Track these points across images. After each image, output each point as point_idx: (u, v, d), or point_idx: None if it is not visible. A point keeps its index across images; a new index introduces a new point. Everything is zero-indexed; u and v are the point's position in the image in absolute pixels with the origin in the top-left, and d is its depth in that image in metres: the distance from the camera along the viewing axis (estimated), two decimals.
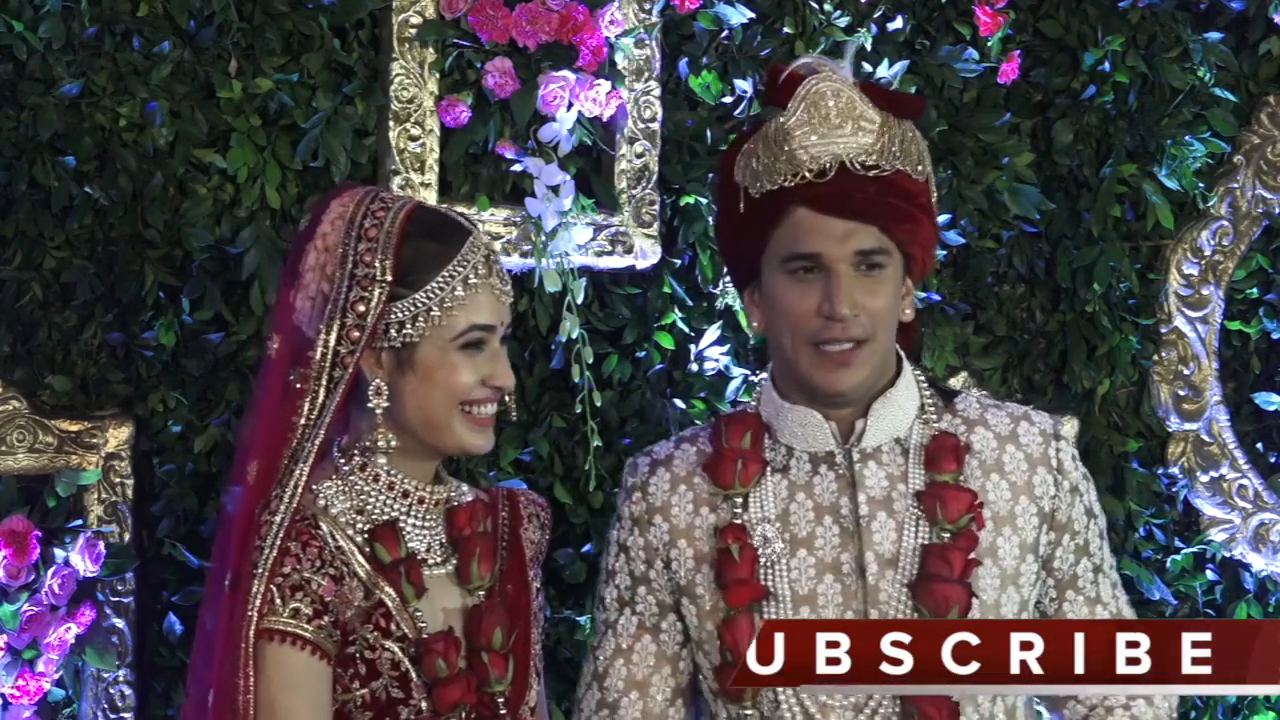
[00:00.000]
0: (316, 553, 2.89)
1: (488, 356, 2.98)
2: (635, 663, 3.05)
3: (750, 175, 2.98)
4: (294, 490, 2.91)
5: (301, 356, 2.95)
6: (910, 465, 3.02)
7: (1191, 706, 4.59)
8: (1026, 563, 3.02)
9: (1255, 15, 4.63)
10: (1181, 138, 4.54)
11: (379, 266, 2.93)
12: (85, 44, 3.83)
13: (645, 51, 4.13)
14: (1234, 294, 4.67)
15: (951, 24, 4.42)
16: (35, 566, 3.69)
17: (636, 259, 4.12)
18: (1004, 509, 3.02)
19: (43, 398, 3.83)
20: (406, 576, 2.92)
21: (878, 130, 2.96)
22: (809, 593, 2.98)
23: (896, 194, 2.95)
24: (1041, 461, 3.05)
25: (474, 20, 3.98)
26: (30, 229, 3.82)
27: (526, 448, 4.07)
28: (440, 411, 2.96)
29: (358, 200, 2.98)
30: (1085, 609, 3.07)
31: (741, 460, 3.02)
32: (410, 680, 2.91)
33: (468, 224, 2.99)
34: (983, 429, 3.05)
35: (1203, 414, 4.62)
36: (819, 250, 2.94)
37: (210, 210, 3.89)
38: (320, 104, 3.94)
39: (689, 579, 3.03)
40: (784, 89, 2.99)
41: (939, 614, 2.93)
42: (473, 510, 3.02)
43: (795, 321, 2.96)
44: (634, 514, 3.06)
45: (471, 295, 2.95)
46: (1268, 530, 4.63)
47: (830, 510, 3.00)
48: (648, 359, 4.15)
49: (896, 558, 2.97)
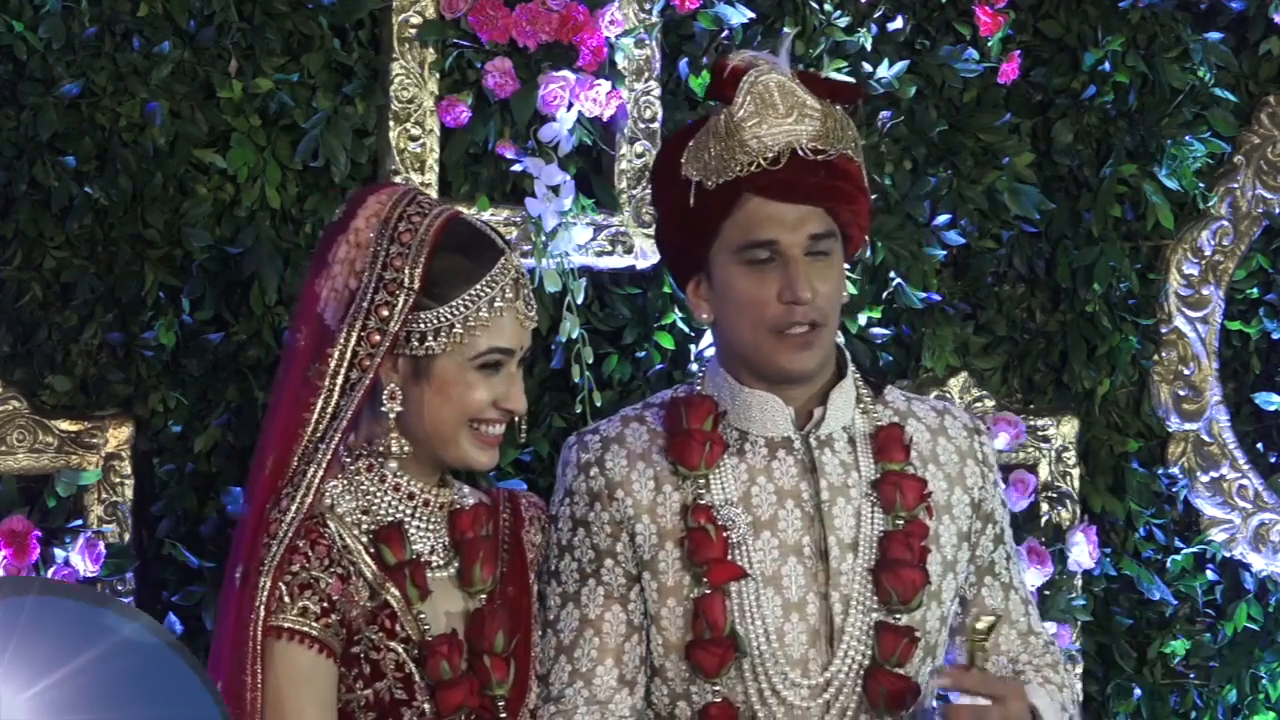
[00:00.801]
0: (325, 551, 2.90)
1: (503, 378, 2.98)
2: (607, 632, 3.09)
3: (702, 168, 3.05)
4: (306, 490, 2.91)
5: (321, 352, 2.95)
6: (860, 454, 3.12)
7: (1191, 706, 4.59)
8: (962, 550, 3.15)
9: (1255, 15, 4.63)
10: (1181, 138, 4.54)
11: (408, 274, 2.93)
12: (85, 44, 3.83)
13: (645, 51, 4.13)
14: (1234, 294, 4.67)
15: (951, 24, 4.42)
16: (35, 566, 3.69)
17: (636, 259, 4.12)
18: (941, 498, 3.15)
19: (43, 398, 3.83)
20: (412, 579, 2.92)
21: (821, 116, 3.06)
22: (774, 573, 3.06)
23: (841, 176, 3.06)
24: (969, 454, 3.18)
25: (474, 20, 3.98)
26: (30, 229, 3.82)
27: (527, 448, 4.07)
28: (449, 426, 2.97)
29: (395, 199, 2.98)
30: (1001, 593, 3.21)
31: (710, 443, 3.09)
32: (414, 682, 2.91)
33: (501, 243, 2.99)
34: (914, 420, 3.18)
35: (1203, 414, 4.62)
36: (774, 237, 3.03)
37: (210, 210, 3.89)
38: (320, 104, 3.94)
39: (652, 554, 3.08)
40: (728, 83, 3.08)
41: (904, 597, 3.05)
42: (475, 514, 3.03)
43: (755, 309, 3.05)
44: (592, 489, 3.11)
45: (496, 318, 2.95)
46: (1268, 530, 4.63)
47: (792, 494, 3.08)
48: (648, 359, 4.15)
49: (856, 543, 3.07)
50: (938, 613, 3.12)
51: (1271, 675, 4.59)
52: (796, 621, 3.05)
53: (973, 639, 3.00)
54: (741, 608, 3.05)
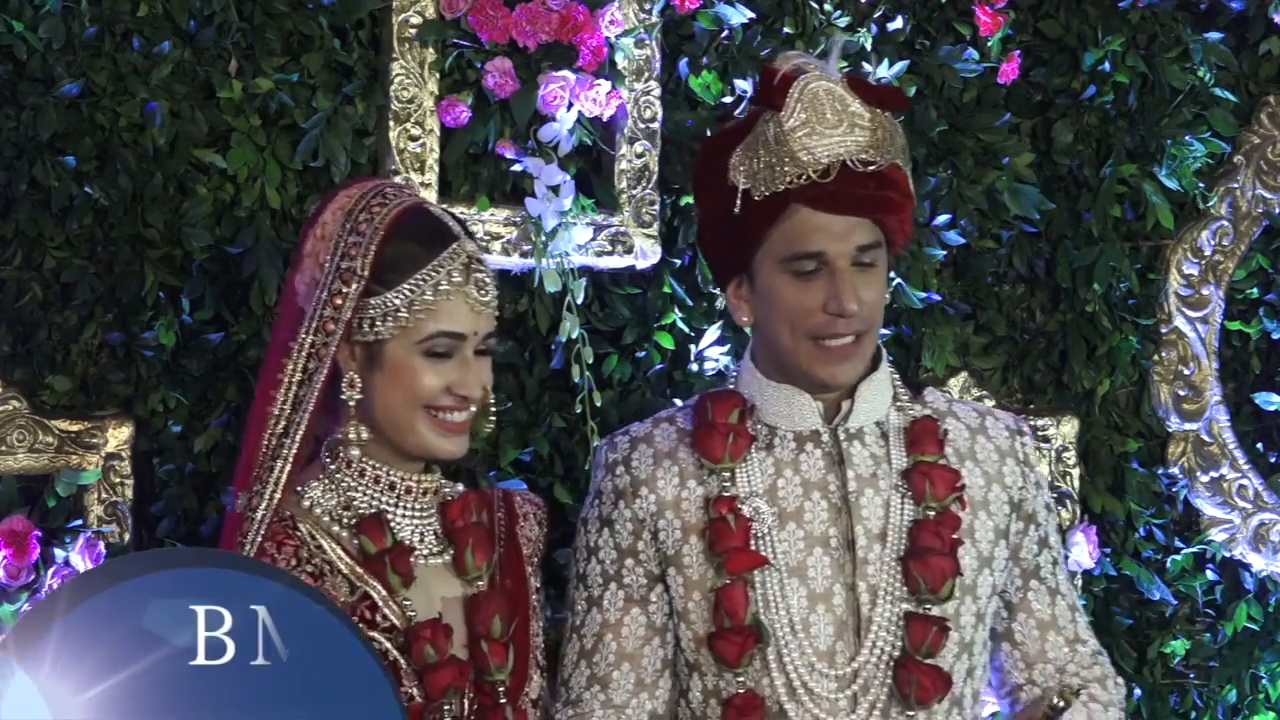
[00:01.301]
0: (293, 551, 2.91)
1: (457, 364, 2.98)
2: (625, 636, 3.09)
3: (750, 176, 3.04)
4: (275, 487, 2.93)
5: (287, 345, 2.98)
6: (891, 447, 3.12)
7: (1191, 706, 4.59)
8: (999, 548, 3.14)
9: (1255, 15, 4.62)
10: (1181, 138, 4.54)
11: (360, 261, 2.95)
12: (85, 44, 3.83)
13: (645, 51, 4.13)
14: (1234, 294, 4.67)
15: (951, 24, 4.42)
16: (35, 566, 3.69)
17: (636, 259, 4.11)
18: (978, 494, 3.14)
19: (43, 398, 3.83)
20: (392, 566, 2.93)
21: (871, 126, 3.05)
22: (799, 564, 3.06)
23: (889, 186, 3.05)
24: (1009, 454, 3.18)
25: (474, 20, 3.98)
26: (30, 229, 3.82)
27: (526, 448, 4.07)
28: (404, 413, 2.98)
29: (363, 193, 3.01)
30: (1047, 598, 3.20)
31: (733, 435, 3.08)
32: (400, 668, 2.92)
33: (458, 229, 2.99)
34: (953, 419, 3.18)
35: (1203, 414, 4.62)
36: (822, 249, 3.02)
37: (210, 210, 3.89)
38: (320, 104, 3.94)
39: (676, 549, 3.09)
40: (778, 90, 3.04)
41: (933, 585, 3.04)
42: (465, 502, 3.04)
43: (799, 318, 3.04)
44: (617, 487, 3.11)
45: (442, 301, 2.96)
46: (1268, 530, 4.63)
47: (819, 486, 3.08)
48: (648, 359, 4.15)
49: (885, 533, 3.07)
50: (972, 608, 3.11)
51: (1271, 675, 4.59)
52: (823, 612, 3.05)
53: (1047, 714, 2.98)
54: (766, 598, 3.05)
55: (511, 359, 4.08)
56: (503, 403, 4.06)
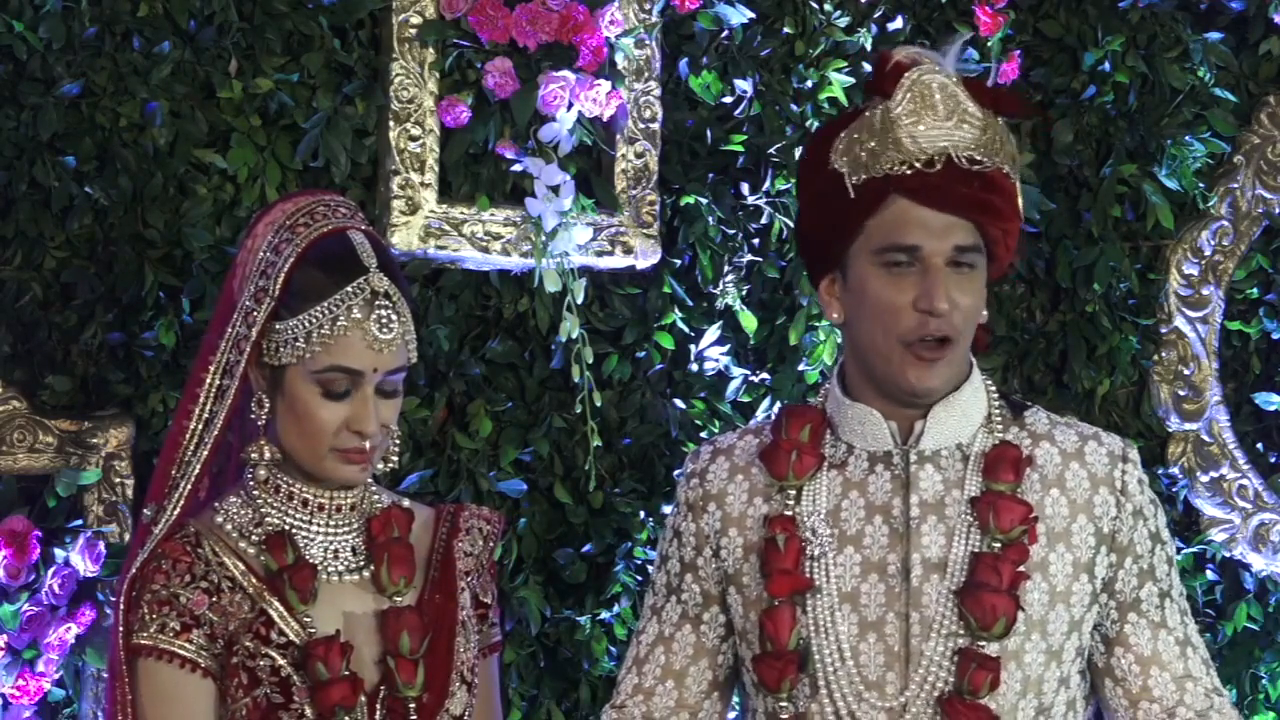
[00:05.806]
0: (186, 567, 2.90)
1: (354, 401, 2.93)
2: (675, 651, 3.04)
3: (852, 162, 2.94)
4: (176, 503, 2.94)
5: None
6: (969, 472, 2.98)
7: None
8: (1080, 581, 2.98)
9: (1255, 15, 4.62)
10: (1181, 138, 4.54)
11: (273, 282, 2.91)
12: (85, 44, 3.83)
13: (645, 51, 4.13)
14: (1234, 294, 4.67)
15: (951, 24, 4.42)
16: (35, 566, 3.69)
17: (636, 259, 4.12)
18: (1060, 525, 2.98)
19: (43, 398, 3.83)
20: (290, 583, 2.91)
21: (981, 125, 2.95)
22: (852, 590, 2.95)
23: (994, 190, 2.94)
24: (1105, 482, 3.01)
25: (474, 20, 3.98)
26: (30, 229, 3.82)
27: (526, 448, 4.07)
28: (304, 442, 2.95)
29: (297, 209, 2.96)
30: (1148, 632, 3.02)
31: (797, 452, 2.99)
32: (292, 685, 2.90)
33: (370, 262, 2.93)
34: (1048, 444, 3.02)
35: (1203, 414, 4.62)
36: (918, 243, 2.91)
37: (210, 210, 3.89)
38: (320, 104, 3.94)
39: (736, 568, 3.01)
40: (890, 78, 2.96)
41: (985, 623, 2.90)
42: (386, 518, 3.00)
43: (889, 315, 2.93)
44: (689, 499, 3.05)
45: (339, 336, 2.90)
46: (1268, 530, 4.63)
47: (881, 510, 2.97)
48: (648, 359, 4.15)
49: (944, 563, 2.94)
50: (1041, 645, 2.95)
51: (1271, 675, 4.59)
52: (874, 641, 2.93)
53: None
54: (815, 623, 2.95)
55: (511, 359, 4.08)
56: (503, 403, 4.07)
